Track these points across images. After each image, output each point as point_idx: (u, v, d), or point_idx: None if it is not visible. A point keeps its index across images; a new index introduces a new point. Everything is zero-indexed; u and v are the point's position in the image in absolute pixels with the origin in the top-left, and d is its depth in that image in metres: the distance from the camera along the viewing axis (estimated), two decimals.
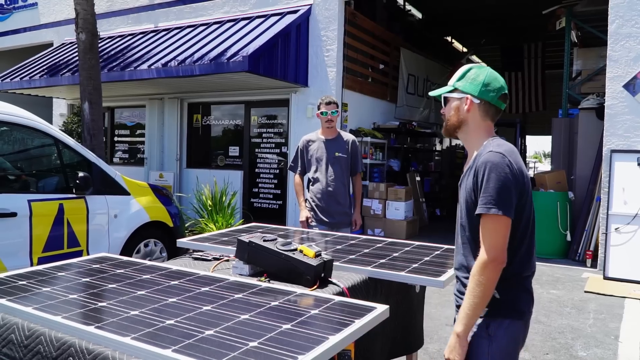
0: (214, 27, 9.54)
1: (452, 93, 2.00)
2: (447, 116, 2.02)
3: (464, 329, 1.82)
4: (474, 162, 1.91)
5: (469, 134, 2.00)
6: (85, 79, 7.10)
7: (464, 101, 1.96)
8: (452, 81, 2.01)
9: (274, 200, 9.62)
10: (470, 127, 1.98)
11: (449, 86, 2.01)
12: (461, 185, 2.00)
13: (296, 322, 1.61)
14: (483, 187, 1.80)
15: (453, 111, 2.00)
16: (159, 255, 5.43)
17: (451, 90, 2.00)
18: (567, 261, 7.52)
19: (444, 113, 2.04)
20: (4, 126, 4.29)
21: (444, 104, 2.04)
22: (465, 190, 1.92)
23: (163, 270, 2.27)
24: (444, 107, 2.04)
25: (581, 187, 8.17)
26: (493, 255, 1.76)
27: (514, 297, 1.88)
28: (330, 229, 4.12)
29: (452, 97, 2.00)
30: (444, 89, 2.03)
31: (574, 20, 9.25)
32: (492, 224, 1.78)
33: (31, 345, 1.62)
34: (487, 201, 1.78)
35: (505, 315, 1.86)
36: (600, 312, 5.14)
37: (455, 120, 2.00)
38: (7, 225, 3.98)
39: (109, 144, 11.68)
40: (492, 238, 1.78)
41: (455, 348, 1.83)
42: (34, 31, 12.91)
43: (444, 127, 2.07)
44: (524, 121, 14.77)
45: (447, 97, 2.02)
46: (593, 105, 8.23)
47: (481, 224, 1.81)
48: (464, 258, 1.96)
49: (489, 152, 1.85)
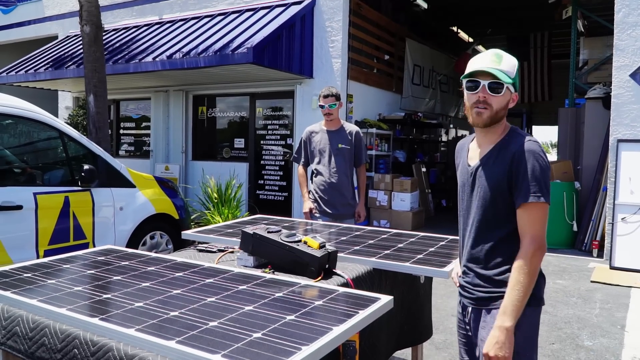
0: (219, 18, 9.50)
1: (511, 85, 1.86)
2: (496, 107, 1.85)
3: (514, 323, 1.76)
4: (499, 151, 1.87)
5: (499, 126, 1.91)
6: (90, 71, 7.10)
7: (512, 96, 1.89)
8: (506, 70, 1.84)
9: (280, 192, 9.62)
10: (503, 119, 1.92)
11: (508, 77, 1.84)
12: (476, 174, 1.92)
13: (300, 313, 1.61)
14: (529, 175, 1.77)
15: (504, 103, 1.87)
16: (164, 248, 5.45)
17: (511, 82, 1.85)
18: (574, 251, 7.49)
19: (491, 103, 1.84)
20: (9, 119, 4.30)
21: (493, 91, 1.83)
22: (491, 178, 1.86)
23: (168, 262, 2.27)
24: (492, 93, 1.83)
25: (587, 177, 8.13)
26: (539, 244, 1.75)
27: (535, 284, 1.85)
28: (333, 221, 4.12)
29: (507, 89, 1.86)
30: (508, 79, 1.84)
31: (580, 9, 9.15)
32: (539, 212, 1.77)
33: (36, 337, 1.63)
34: (536, 189, 1.76)
35: (528, 303, 1.82)
36: (607, 301, 5.13)
37: (503, 113, 1.89)
38: (13, 218, 4.00)
39: (115, 137, 11.70)
40: (539, 226, 1.76)
41: (505, 344, 1.75)
42: (39, 24, 12.91)
43: (488, 117, 1.86)
44: (530, 111, 14.67)
45: (503, 87, 1.84)
46: (599, 94, 8.17)
47: (526, 213, 1.78)
48: (480, 248, 1.92)
49: (528, 140, 1.83)
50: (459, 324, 2.12)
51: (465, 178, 1.99)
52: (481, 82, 1.84)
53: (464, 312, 2.05)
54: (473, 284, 1.95)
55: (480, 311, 1.93)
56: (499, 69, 1.83)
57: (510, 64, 1.86)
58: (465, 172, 2.01)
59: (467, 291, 1.99)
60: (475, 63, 1.89)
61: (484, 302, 1.92)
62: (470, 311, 1.99)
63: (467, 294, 1.99)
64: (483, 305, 1.93)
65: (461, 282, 2.04)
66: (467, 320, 2.02)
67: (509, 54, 1.90)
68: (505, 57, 1.87)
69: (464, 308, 2.05)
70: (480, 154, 1.94)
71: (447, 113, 14.39)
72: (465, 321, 2.05)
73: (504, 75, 1.83)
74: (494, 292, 1.89)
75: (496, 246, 1.88)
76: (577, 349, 3.95)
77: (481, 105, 1.85)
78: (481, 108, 1.85)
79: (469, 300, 1.98)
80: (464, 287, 2.01)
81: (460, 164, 2.06)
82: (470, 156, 2.00)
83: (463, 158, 2.05)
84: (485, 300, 1.91)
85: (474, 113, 1.88)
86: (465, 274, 2.01)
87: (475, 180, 1.94)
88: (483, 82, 1.84)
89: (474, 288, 1.94)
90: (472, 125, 1.95)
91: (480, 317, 1.93)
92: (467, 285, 1.99)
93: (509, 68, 1.85)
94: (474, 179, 1.94)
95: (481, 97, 1.84)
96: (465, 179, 2.00)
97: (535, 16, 13.35)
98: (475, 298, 1.95)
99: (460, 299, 2.07)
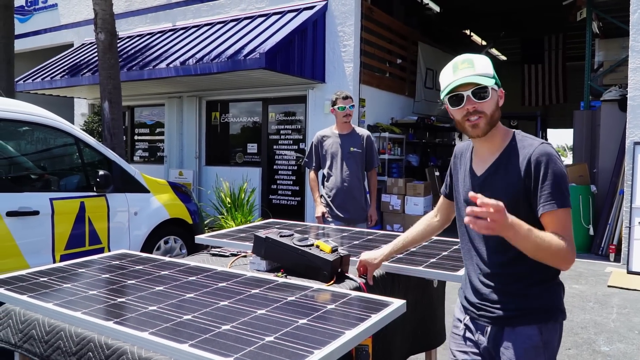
0: (231, 24, 9.57)
1: (494, 85, 1.76)
2: (489, 111, 1.74)
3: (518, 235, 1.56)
4: (508, 157, 1.77)
5: (497, 130, 1.81)
6: (105, 78, 7.19)
7: (498, 93, 1.79)
8: (483, 72, 1.74)
9: (293, 196, 9.64)
10: (499, 122, 1.82)
11: (488, 78, 1.74)
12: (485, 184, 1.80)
13: (313, 317, 1.61)
14: (551, 181, 1.67)
15: (495, 105, 1.76)
16: (178, 252, 5.49)
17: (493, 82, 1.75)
18: (590, 255, 7.40)
19: (483, 110, 1.73)
20: (26, 126, 4.36)
21: (480, 97, 1.73)
22: (504, 187, 1.75)
23: (181, 266, 2.29)
24: (479, 101, 1.73)
25: (604, 180, 8.03)
26: (573, 247, 1.66)
27: (558, 296, 1.79)
28: (346, 225, 4.11)
29: (492, 89, 1.75)
30: (489, 81, 1.73)
31: (595, 10, 9.07)
32: (567, 217, 1.68)
33: (52, 341, 1.65)
34: (560, 196, 1.67)
35: (555, 318, 1.78)
36: (624, 306, 5.05)
37: (498, 114, 1.78)
38: (30, 224, 4.05)
39: (129, 143, 11.82)
40: (570, 231, 1.67)
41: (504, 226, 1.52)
42: (54, 32, 13.11)
43: (485, 124, 1.75)
44: (545, 114, 14.54)
45: (487, 90, 1.73)
46: (615, 97, 8.07)
47: (554, 221, 1.67)
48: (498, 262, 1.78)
49: (541, 144, 1.73)
50: (458, 341, 1.95)
51: (471, 189, 1.84)
52: (464, 94, 1.73)
53: (474, 331, 1.88)
54: (491, 301, 1.80)
55: (503, 329, 1.78)
56: (476, 74, 1.73)
57: (483, 64, 1.75)
58: (470, 182, 1.87)
59: (485, 309, 1.82)
60: (449, 77, 1.78)
61: (507, 320, 1.77)
62: (488, 330, 1.82)
63: (483, 312, 1.83)
64: (506, 324, 1.77)
65: (471, 299, 1.87)
66: (480, 339, 1.85)
67: (476, 55, 1.81)
68: (476, 60, 1.76)
69: (477, 327, 1.87)
70: (486, 162, 1.83)
71: None
72: (474, 340, 1.88)
73: (484, 78, 1.72)
74: (518, 309, 1.76)
75: (516, 258, 1.72)
76: (594, 354, 3.90)
77: (473, 117, 1.74)
78: (475, 119, 1.74)
79: (486, 319, 1.81)
80: (476, 305, 1.85)
81: (463, 173, 1.93)
82: (475, 165, 1.88)
83: (466, 166, 1.91)
84: (510, 319, 1.76)
85: (468, 127, 1.77)
86: (476, 290, 1.85)
87: (484, 190, 1.74)
88: (466, 93, 1.73)
89: (492, 305, 1.79)
90: (471, 138, 1.84)
91: (503, 336, 1.77)
92: (482, 303, 1.83)
93: (484, 69, 1.74)
94: (482, 189, 1.77)
95: (470, 108, 1.73)
96: (470, 189, 1.84)
97: (549, 18, 13.25)
98: (496, 317, 1.79)
99: (466, 317, 1.91)
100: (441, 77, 1.84)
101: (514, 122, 13.55)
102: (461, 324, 1.94)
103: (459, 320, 1.96)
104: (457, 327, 1.97)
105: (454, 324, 2.00)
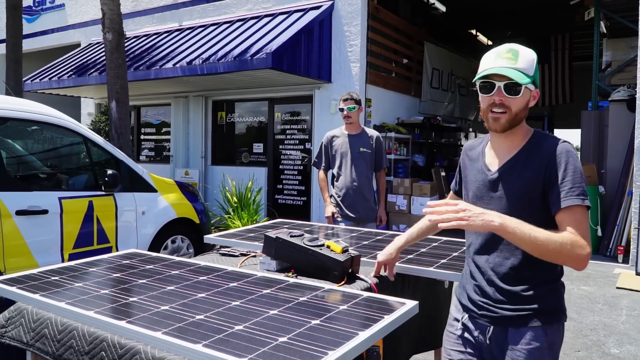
0: (237, 24, 9.58)
1: (530, 84, 1.69)
2: (515, 109, 1.69)
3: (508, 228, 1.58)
4: (527, 154, 1.73)
5: (520, 128, 1.76)
6: (113, 78, 7.20)
7: (532, 93, 1.73)
8: (524, 67, 1.68)
9: (298, 196, 9.64)
10: (524, 121, 1.77)
11: (526, 75, 1.67)
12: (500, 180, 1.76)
13: (325, 318, 1.60)
14: (571, 177, 1.64)
15: (524, 104, 1.71)
16: (185, 252, 5.49)
17: (530, 80, 1.69)
18: (598, 257, 7.36)
19: (510, 105, 1.68)
20: (35, 125, 4.38)
21: (511, 92, 1.67)
22: (521, 184, 1.72)
23: (192, 266, 2.29)
24: (509, 95, 1.68)
25: (612, 181, 7.99)
26: (589, 249, 1.61)
27: (562, 298, 1.78)
28: (356, 224, 4.11)
29: (527, 88, 1.69)
30: (525, 79, 1.67)
31: (603, 10, 9.02)
32: (584, 215, 1.63)
33: (64, 340, 1.65)
34: (580, 192, 1.63)
35: (559, 319, 1.76)
36: (634, 308, 5.02)
37: (523, 115, 1.72)
38: (39, 223, 4.06)
39: (136, 142, 11.85)
40: (587, 230, 1.62)
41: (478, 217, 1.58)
42: (62, 32, 13.16)
43: (507, 120, 1.70)
44: (552, 114, 14.49)
45: (521, 87, 1.67)
46: (624, 97, 8.03)
47: (572, 217, 1.62)
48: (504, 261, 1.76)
49: (562, 142, 1.69)
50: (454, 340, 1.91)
51: (483, 184, 1.81)
52: (496, 84, 1.68)
53: (473, 331, 1.85)
54: (495, 300, 1.76)
55: (506, 330, 1.75)
56: (515, 68, 1.66)
57: (527, 59, 1.69)
58: (483, 177, 1.82)
59: (487, 309, 1.79)
60: (489, 62, 1.72)
61: (512, 320, 1.74)
62: (490, 330, 1.79)
63: (485, 311, 1.79)
64: (511, 325, 1.74)
65: (473, 298, 1.83)
66: (480, 339, 1.82)
67: (525, 48, 1.73)
68: (521, 53, 1.69)
69: (477, 327, 1.83)
70: (503, 158, 1.78)
71: (467, 116, 14.28)
72: (472, 340, 1.85)
73: (521, 74, 1.66)
74: (523, 309, 1.73)
75: (522, 258, 1.72)
76: (603, 356, 3.87)
77: (498, 109, 1.69)
78: (498, 112, 1.69)
79: (488, 319, 1.78)
80: (478, 304, 1.81)
81: (474, 169, 1.88)
82: (489, 161, 1.83)
83: (479, 162, 1.87)
84: (514, 319, 1.73)
85: (490, 118, 1.72)
86: (479, 289, 1.81)
87: (497, 186, 1.76)
88: (498, 84, 1.68)
89: (496, 305, 1.76)
90: (489, 130, 1.79)
91: (507, 337, 1.75)
92: (485, 302, 1.79)
93: (527, 65, 1.68)
94: (495, 185, 1.76)
95: (497, 100, 1.68)
96: (482, 185, 1.82)
97: (556, 18, 13.19)
98: (500, 317, 1.76)
99: (465, 316, 1.87)
100: (482, 60, 1.78)
101: None
102: (458, 323, 1.90)
103: (455, 319, 1.93)
104: (453, 326, 1.93)
105: (450, 323, 1.96)
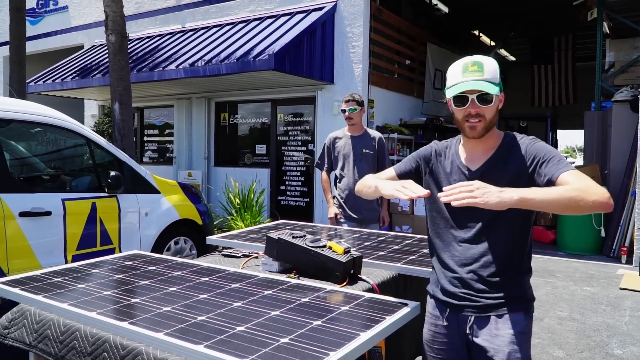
0: (240, 26, 9.59)
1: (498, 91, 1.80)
2: (489, 116, 1.79)
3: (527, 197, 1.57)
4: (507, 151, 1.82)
5: (493, 131, 1.86)
6: (116, 80, 7.22)
7: (499, 97, 1.83)
8: (491, 78, 1.78)
9: (301, 197, 9.64)
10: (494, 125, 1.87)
11: (494, 84, 1.77)
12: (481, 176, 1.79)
13: (327, 319, 1.60)
14: (551, 157, 1.73)
15: (495, 110, 1.81)
16: (188, 253, 5.50)
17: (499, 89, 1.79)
18: (601, 257, 7.34)
19: (484, 113, 1.78)
20: (38, 127, 4.39)
21: (484, 102, 1.77)
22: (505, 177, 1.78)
23: (194, 267, 2.29)
24: (483, 105, 1.77)
25: (615, 182, 7.96)
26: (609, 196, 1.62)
27: (531, 289, 1.90)
28: (359, 225, 4.11)
29: (496, 96, 1.79)
30: (495, 88, 1.77)
31: (606, 10, 9.00)
32: (579, 173, 1.69)
33: (67, 341, 1.66)
34: (565, 165, 1.71)
35: (532, 309, 1.88)
36: (637, 309, 5.00)
37: (496, 119, 1.83)
38: (43, 224, 4.07)
39: (139, 144, 11.87)
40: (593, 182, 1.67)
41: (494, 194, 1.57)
42: (65, 34, 13.20)
43: (483, 127, 1.80)
44: (555, 115, 14.45)
45: (492, 96, 1.78)
46: (627, 97, 8.01)
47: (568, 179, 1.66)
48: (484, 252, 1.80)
49: (531, 139, 1.84)
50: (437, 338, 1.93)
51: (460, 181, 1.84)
52: (469, 97, 1.77)
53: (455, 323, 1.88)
54: (477, 290, 1.82)
55: (489, 318, 1.81)
56: (484, 80, 1.76)
57: (491, 69, 1.78)
58: (461, 175, 1.88)
59: (469, 299, 1.83)
60: (457, 77, 1.80)
61: (494, 308, 1.80)
62: (472, 320, 1.83)
63: (467, 302, 1.83)
64: (493, 312, 1.81)
65: (452, 290, 1.87)
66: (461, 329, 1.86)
67: (487, 57, 1.82)
68: (485, 64, 1.78)
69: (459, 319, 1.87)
70: (481, 158, 1.86)
71: None
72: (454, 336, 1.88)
73: (490, 85, 1.76)
74: (505, 297, 1.80)
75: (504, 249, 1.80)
76: (606, 357, 3.86)
77: (474, 119, 1.79)
78: (474, 122, 1.79)
79: (470, 309, 1.83)
80: (458, 295, 1.85)
81: (448, 169, 1.93)
82: (467, 161, 1.89)
83: (452, 163, 1.92)
84: (497, 307, 1.80)
85: (467, 127, 1.81)
86: (460, 280, 1.85)
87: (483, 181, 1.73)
88: (471, 97, 1.77)
89: (477, 294, 1.81)
90: (466, 137, 1.87)
91: (490, 324, 1.81)
92: (465, 292, 1.83)
93: (492, 75, 1.78)
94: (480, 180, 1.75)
95: (473, 111, 1.78)
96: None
97: (559, 18, 13.17)
98: (483, 305, 1.81)
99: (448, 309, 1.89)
100: (449, 73, 1.86)
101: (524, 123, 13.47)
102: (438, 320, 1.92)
103: (435, 316, 1.94)
104: (436, 326, 1.94)
105: (430, 322, 1.97)
